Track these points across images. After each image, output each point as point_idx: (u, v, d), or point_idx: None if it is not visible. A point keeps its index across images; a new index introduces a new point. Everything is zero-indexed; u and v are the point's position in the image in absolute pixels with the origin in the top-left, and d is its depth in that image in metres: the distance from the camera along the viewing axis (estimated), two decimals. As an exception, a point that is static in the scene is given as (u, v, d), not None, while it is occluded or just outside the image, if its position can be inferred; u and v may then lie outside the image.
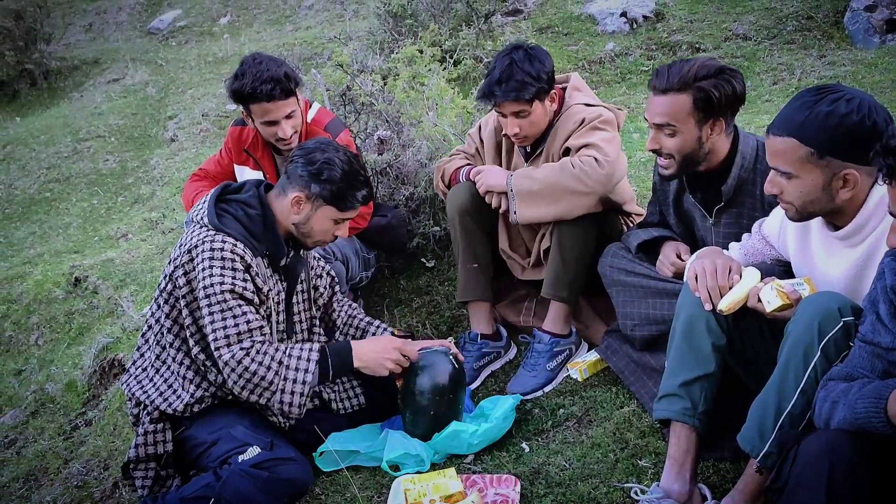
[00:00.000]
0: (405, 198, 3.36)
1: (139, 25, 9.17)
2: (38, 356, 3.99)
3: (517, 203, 2.57)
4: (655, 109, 2.22)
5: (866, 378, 1.61)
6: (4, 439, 3.53)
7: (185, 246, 2.24)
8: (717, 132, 2.21)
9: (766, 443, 1.79)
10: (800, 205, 1.84)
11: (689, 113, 2.17)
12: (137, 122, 6.53)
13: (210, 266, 2.17)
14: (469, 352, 2.83)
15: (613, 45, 5.39)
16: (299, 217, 2.30)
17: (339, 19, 7.41)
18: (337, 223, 2.34)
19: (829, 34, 5.00)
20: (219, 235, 2.20)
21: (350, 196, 2.29)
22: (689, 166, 2.27)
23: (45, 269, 4.51)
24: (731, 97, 2.17)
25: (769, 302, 1.88)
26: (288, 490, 2.14)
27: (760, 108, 4.32)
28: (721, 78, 2.16)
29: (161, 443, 2.28)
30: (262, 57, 2.78)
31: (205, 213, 2.25)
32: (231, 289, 2.17)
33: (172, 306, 2.27)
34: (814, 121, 1.75)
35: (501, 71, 2.58)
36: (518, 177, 2.59)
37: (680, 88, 2.16)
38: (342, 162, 2.27)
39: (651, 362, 2.44)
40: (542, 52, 2.64)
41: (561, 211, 2.54)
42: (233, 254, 2.18)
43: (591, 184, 2.50)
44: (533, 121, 2.63)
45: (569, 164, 2.53)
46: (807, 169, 1.78)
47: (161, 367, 2.32)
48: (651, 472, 2.18)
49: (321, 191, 2.26)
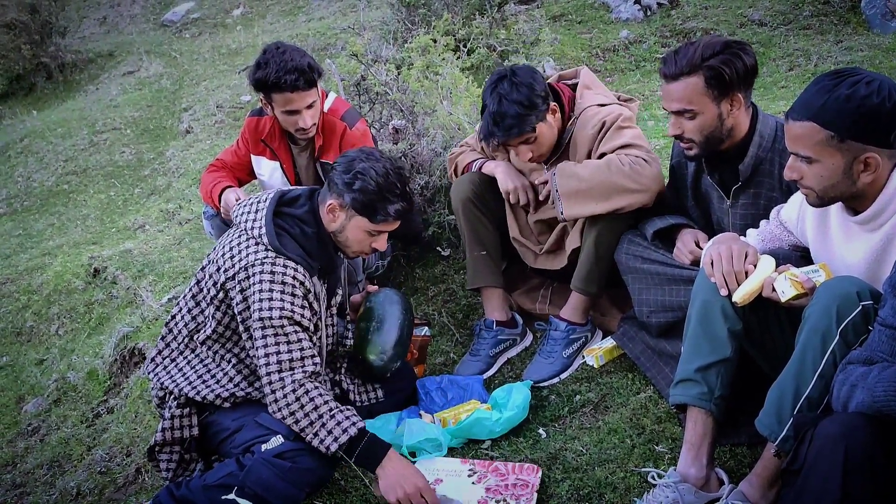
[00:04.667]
0: (420, 187, 3.37)
1: (153, 18, 9.21)
2: (59, 346, 4.04)
3: (563, 202, 2.54)
4: (671, 97, 2.22)
5: (886, 362, 1.60)
6: (28, 427, 3.59)
7: (241, 262, 2.21)
8: (737, 106, 2.21)
9: (784, 427, 1.79)
10: (820, 189, 1.83)
11: (704, 93, 2.18)
12: (153, 115, 6.57)
13: (270, 290, 2.15)
14: (484, 339, 2.85)
15: (627, 33, 5.36)
16: (335, 225, 2.27)
17: (351, 9, 7.41)
18: (372, 235, 2.29)
19: (846, 19, 4.96)
20: (280, 259, 2.18)
21: (381, 209, 2.22)
22: (712, 145, 2.26)
23: (64, 260, 4.57)
24: (742, 70, 2.17)
25: (783, 292, 1.88)
26: (310, 480, 2.16)
27: (777, 95, 4.30)
28: (728, 53, 2.16)
29: (187, 427, 2.31)
30: (286, 46, 2.79)
31: (263, 231, 2.21)
32: (290, 316, 2.16)
33: (224, 313, 2.27)
34: (833, 104, 1.73)
35: (493, 112, 2.53)
36: (562, 176, 2.54)
37: (690, 71, 2.17)
38: (378, 174, 2.20)
39: (667, 348, 2.45)
40: (527, 72, 2.58)
41: (612, 207, 2.50)
42: (294, 280, 2.17)
43: (644, 182, 2.47)
44: (541, 141, 2.61)
45: (617, 161, 2.48)
46: (827, 153, 1.77)
47: (194, 359, 2.34)
48: (668, 457, 2.20)
49: (353, 201, 2.22)
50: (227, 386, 2.29)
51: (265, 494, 2.09)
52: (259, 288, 2.17)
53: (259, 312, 2.16)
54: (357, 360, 2.50)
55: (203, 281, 2.33)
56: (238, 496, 2.08)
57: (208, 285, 2.30)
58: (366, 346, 2.47)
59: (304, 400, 2.14)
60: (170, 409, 2.31)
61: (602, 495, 2.13)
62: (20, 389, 3.87)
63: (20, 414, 3.70)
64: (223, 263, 2.26)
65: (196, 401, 2.30)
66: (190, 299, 2.36)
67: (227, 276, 2.23)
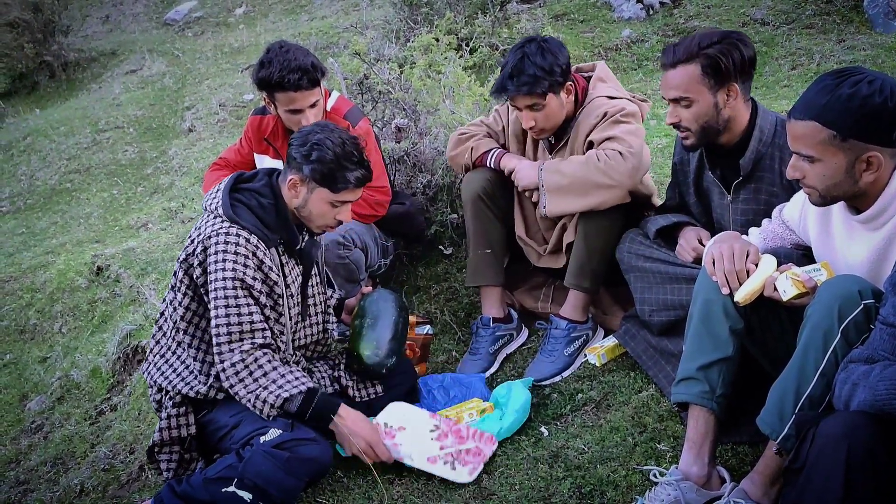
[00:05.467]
0: (423, 186, 3.38)
1: (155, 17, 9.22)
2: (63, 344, 4.05)
3: (547, 197, 2.59)
4: (668, 84, 2.25)
5: (887, 360, 1.61)
6: (32, 424, 3.60)
7: (199, 237, 2.25)
8: (734, 96, 2.22)
9: (785, 425, 1.80)
10: (823, 189, 1.83)
11: (700, 81, 2.20)
12: (155, 113, 6.58)
13: (223, 259, 2.18)
14: (483, 337, 2.86)
15: (630, 32, 5.36)
16: (298, 200, 2.29)
17: (354, 8, 7.41)
18: (334, 206, 2.30)
19: (849, 18, 4.95)
20: (233, 228, 2.21)
21: (341, 177, 2.24)
22: (709, 135, 2.28)
23: (67, 258, 4.58)
24: (739, 60, 2.18)
25: (785, 291, 1.88)
26: (309, 469, 2.17)
27: (779, 94, 4.30)
28: (726, 43, 2.18)
29: (184, 426, 2.32)
30: (289, 45, 2.79)
31: (219, 203, 2.25)
32: (242, 280, 2.19)
33: (192, 296, 2.29)
34: (836, 103, 1.74)
35: (513, 65, 2.56)
36: (548, 171, 2.60)
37: (687, 59, 2.20)
38: (334, 143, 2.23)
39: (669, 347, 2.45)
40: (557, 44, 2.62)
41: (590, 204, 2.54)
42: (246, 248, 2.20)
43: (617, 177, 2.49)
44: (548, 114, 2.62)
45: (594, 157, 2.52)
46: (830, 152, 1.77)
47: (181, 352, 2.35)
48: (669, 455, 2.20)
49: (312, 172, 2.24)
50: (211, 373, 2.29)
51: (264, 485, 2.10)
52: (215, 259, 2.19)
53: (214, 282, 2.19)
54: (352, 356, 2.51)
55: (176, 271, 2.34)
56: (237, 488, 2.10)
57: (180, 274, 2.31)
58: (359, 341, 2.48)
59: (252, 367, 2.19)
60: (166, 409, 2.32)
61: (604, 493, 2.13)
62: (24, 387, 3.89)
63: (24, 411, 3.71)
64: (187, 245, 2.29)
65: (191, 397, 2.31)
66: (170, 292, 2.38)
67: (188, 252, 2.26)
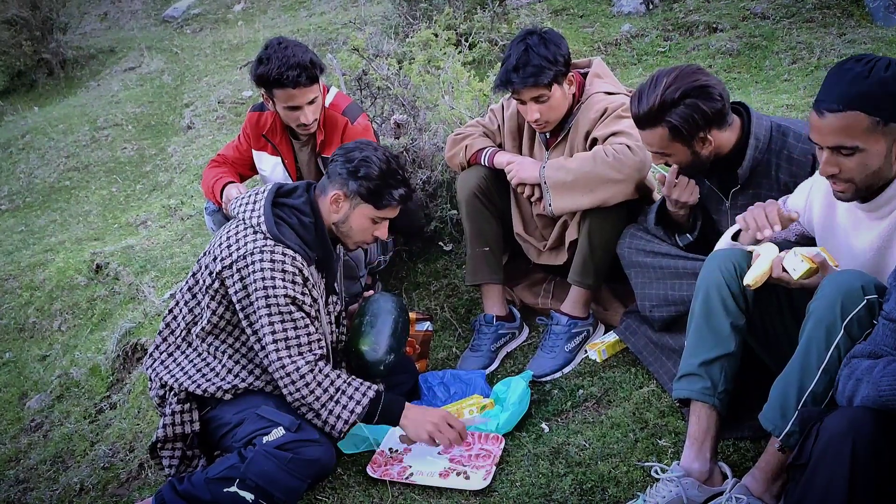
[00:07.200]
0: (422, 181, 3.37)
1: (154, 14, 9.20)
2: (62, 342, 4.05)
3: (551, 194, 2.56)
4: (643, 140, 2.23)
5: (890, 356, 1.60)
6: (31, 423, 3.59)
7: (239, 250, 2.23)
8: (712, 138, 2.16)
9: (787, 421, 1.79)
10: (861, 179, 1.78)
11: (671, 140, 2.15)
12: (154, 110, 6.57)
13: (272, 276, 2.19)
14: (485, 334, 2.85)
15: (629, 27, 5.34)
16: (339, 216, 2.32)
17: (352, 4, 7.39)
18: (375, 223, 2.35)
19: (849, 12, 4.93)
20: (278, 247, 2.22)
21: (387, 194, 2.30)
22: (697, 171, 2.27)
23: (66, 256, 4.57)
24: (703, 118, 2.10)
25: (794, 269, 1.85)
26: (311, 471, 2.16)
27: (779, 88, 4.28)
28: (687, 104, 2.09)
29: (188, 422, 2.31)
30: (288, 42, 2.78)
31: (261, 220, 2.25)
32: (294, 300, 2.21)
33: (219, 304, 2.29)
34: (876, 89, 1.69)
35: (518, 57, 2.55)
36: (551, 168, 2.57)
37: (653, 124, 2.14)
38: (380, 160, 2.29)
39: (670, 343, 2.44)
40: (557, 35, 2.62)
41: (597, 199, 2.52)
42: (293, 267, 2.22)
43: (626, 171, 2.48)
44: (552, 105, 2.61)
45: (602, 152, 2.50)
46: (873, 139, 1.73)
47: (192, 353, 2.35)
48: (671, 451, 2.20)
49: (358, 188, 2.28)
50: (227, 378, 2.30)
51: (267, 486, 2.09)
52: (261, 276, 2.20)
53: (265, 299, 2.19)
54: (352, 353, 2.51)
55: (199, 273, 2.33)
56: (239, 488, 2.09)
57: (204, 276, 2.31)
58: (359, 337, 2.48)
59: (320, 377, 2.23)
60: (170, 406, 2.31)
61: (605, 490, 2.13)
62: (23, 385, 3.88)
63: (23, 410, 3.71)
64: (220, 253, 2.27)
65: (197, 395, 2.31)
66: (187, 292, 2.37)
67: (225, 264, 2.25)
